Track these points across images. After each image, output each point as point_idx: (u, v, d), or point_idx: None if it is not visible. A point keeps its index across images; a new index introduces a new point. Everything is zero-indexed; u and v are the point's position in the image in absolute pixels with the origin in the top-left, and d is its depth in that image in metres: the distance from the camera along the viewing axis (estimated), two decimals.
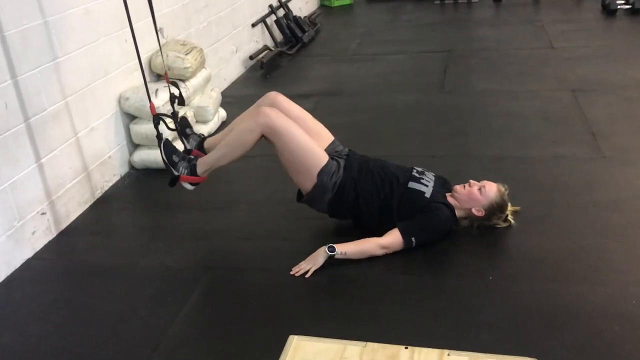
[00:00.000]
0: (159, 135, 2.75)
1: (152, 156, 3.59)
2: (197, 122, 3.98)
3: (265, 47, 5.71)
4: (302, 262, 2.56)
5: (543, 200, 2.92)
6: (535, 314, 2.18)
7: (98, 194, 3.37)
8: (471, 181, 2.71)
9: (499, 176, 2.99)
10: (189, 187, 2.81)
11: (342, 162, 2.73)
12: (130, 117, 3.64)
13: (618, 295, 2.25)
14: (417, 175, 2.70)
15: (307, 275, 2.52)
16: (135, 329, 2.31)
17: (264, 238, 2.85)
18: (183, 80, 3.85)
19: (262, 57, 5.48)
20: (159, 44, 3.00)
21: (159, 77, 3.92)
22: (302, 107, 2.92)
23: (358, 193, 2.65)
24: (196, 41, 4.45)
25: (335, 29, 6.78)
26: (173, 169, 2.72)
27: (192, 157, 2.78)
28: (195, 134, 3.05)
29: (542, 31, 5.82)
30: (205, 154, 2.91)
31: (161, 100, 3.50)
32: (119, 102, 3.56)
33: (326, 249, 2.53)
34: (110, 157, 3.48)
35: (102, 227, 3.11)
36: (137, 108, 3.53)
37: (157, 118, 2.76)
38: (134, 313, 2.41)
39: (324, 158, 2.65)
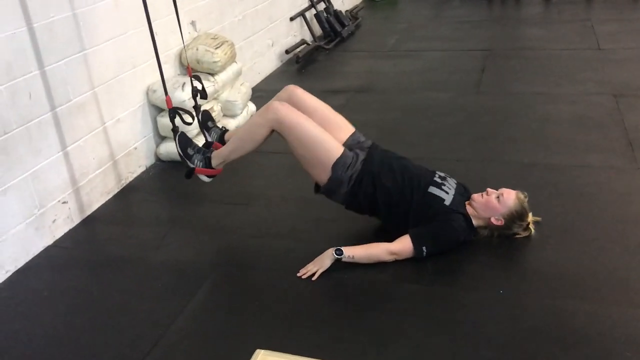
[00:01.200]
0: (175, 129, 2.78)
1: None
2: (224, 116, 4.00)
3: (303, 41, 5.68)
4: (309, 264, 2.54)
5: (568, 211, 2.80)
6: (543, 332, 2.10)
7: (122, 184, 3.43)
8: (489, 189, 2.62)
9: (525, 184, 2.90)
10: (205, 179, 2.82)
11: (361, 154, 2.65)
12: (158, 110, 3.68)
13: (632, 318, 2.13)
14: (439, 180, 2.63)
15: (313, 278, 2.49)
16: (138, 322, 2.34)
17: (276, 237, 2.84)
18: (212, 74, 3.87)
19: (299, 52, 5.46)
20: (182, 37, 3.00)
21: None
22: (331, 103, 2.89)
23: (376, 188, 2.58)
24: (230, 35, 4.47)
25: (377, 24, 6.69)
26: (188, 162, 2.74)
27: (208, 149, 2.79)
28: (217, 127, 3.06)
29: (590, 31, 5.58)
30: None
31: (188, 93, 3.52)
32: (147, 94, 3.60)
33: (333, 252, 2.49)
34: (136, 148, 3.53)
35: (123, 217, 3.16)
36: (164, 100, 3.52)
37: (173, 111, 2.78)
38: (139, 306, 2.44)
39: (338, 150, 2.59)
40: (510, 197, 2.56)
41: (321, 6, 6.15)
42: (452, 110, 4.14)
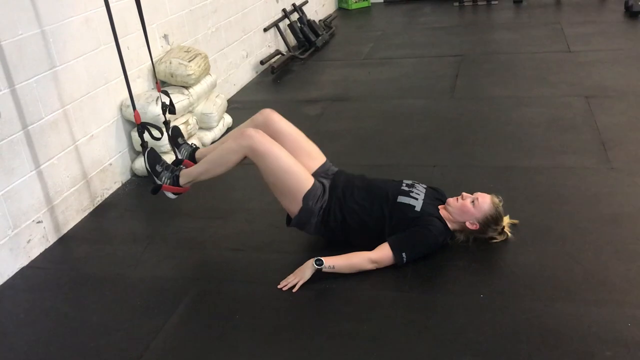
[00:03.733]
0: (144, 144, 2.75)
1: None
2: (200, 128, 3.98)
3: (277, 52, 5.68)
4: (290, 276, 2.52)
5: (545, 213, 2.83)
6: (524, 336, 2.10)
7: (98, 201, 3.38)
8: (464, 194, 2.64)
9: (501, 187, 2.93)
10: (171, 196, 2.81)
11: (327, 183, 2.68)
12: (132, 124, 3.64)
13: (613, 317, 2.15)
14: (406, 188, 2.64)
15: (294, 290, 2.47)
16: (118, 341, 2.30)
17: (255, 250, 2.82)
18: (186, 87, 3.85)
19: (274, 62, 5.46)
20: (150, 53, 2.98)
21: (163, 84, 3.92)
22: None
23: (344, 214, 2.60)
24: (204, 47, 4.46)
25: (350, 33, 6.72)
26: (156, 178, 2.72)
27: (176, 167, 2.78)
28: (187, 143, 3.04)
29: (560, 34, 5.67)
30: (195, 163, 2.90)
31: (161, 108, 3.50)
32: (121, 109, 3.57)
33: (313, 262, 2.48)
34: (111, 164, 3.49)
35: (99, 235, 3.12)
36: None
37: (142, 127, 2.76)
38: (119, 324, 2.39)
39: (309, 181, 2.60)
40: (485, 202, 2.58)
41: (294, 16, 6.16)
42: (427, 116, 4.16)
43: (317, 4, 7.04)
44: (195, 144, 3.06)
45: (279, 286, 2.50)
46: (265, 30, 5.62)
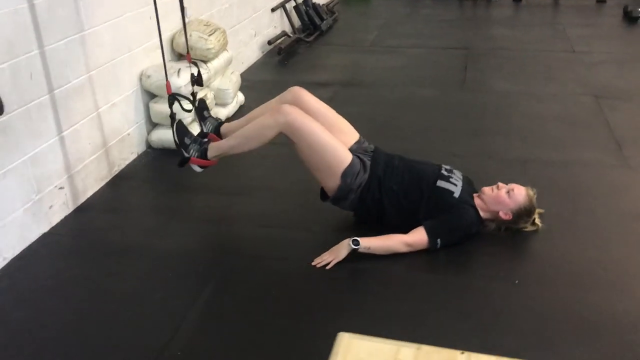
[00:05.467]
0: (173, 115, 2.72)
1: (170, 136, 3.51)
2: (216, 104, 3.93)
3: (284, 33, 5.65)
4: (325, 254, 2.53)
5: (568, 206, 2.89)
6: (562, 322, 2.16)
7: (115, 171, 3.32)
8: (499, 184, 2.68)
9: (522, 179, 2.94)
10: (197, 169, 2.78)
11: (367, 161, 2.67)
12: (150, 96, 3.58)
13: None
14: (446, 173, 2.66)
15: (327, 267, 2.48)
16: (153, 312, 2.28)
17: (283, 227, 2.81)
18: (205, 62, 3.80)
19: (280, 43, 5.43)
20: (184, 23, 2.93)
21: (180, 57, 3.86)
22: (320, 96, 2.88)
23: (382, 194, 2.61)
24: (218, 22, 4.39)
25: (353, 19, 6.71)
26: (184, 151, 2.70)
27: (205, 140, 2.74)
28: (213, 117, 3.01)
29: (563, 34, 5.77)
30: (221, 138, 2.87)
31: (183, 80, 3.45)
32: (140, 79, 3.50)
33: (350, 242, 2.49)
34: (129, 134, 3.43)
35: (119, 205, 3.07)
36: (158, 86, 3.47)
37: (172, 98, 2.73)
38: (151, 295, 2.37)
39: (348, 158, 2.60)
40: (520, 193, 2.62)
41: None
42: (441, 106, 4.20)
43: None
44: (220, 118, 3.03)
45: (312, 263, 2.50)
46: (272, 10, 5.58)
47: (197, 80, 2.90)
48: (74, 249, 2.71)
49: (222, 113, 3.94)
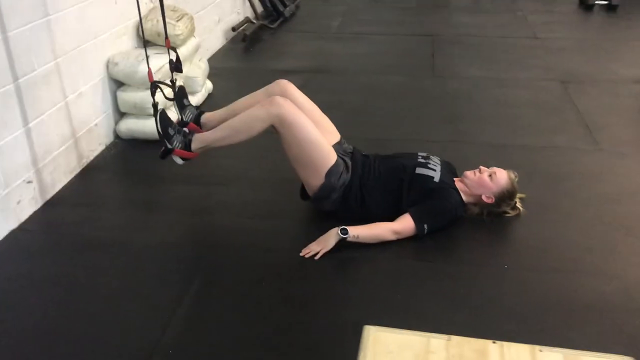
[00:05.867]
0: (155, 105, 2.60)
1: (140, 126, 3.42)
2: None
3: (247, 20, 5.53)
4: (312, 244, 2.48)
5: (547, 189, 2.92)
6: (554, 306, 2.17)
7: (84, 163, 3.18)
8: (481, 167, 2.69)
9: (500, 164, 2.96)
10: (179, 161, 2.66)
11: (348, 161, 2.65)
12: (118, 84, 3.44)
13: (634, 288, 2.26)
14: (422, 160, 2.67)
15: (316, 257, 2.44)
16: (140, 309, 2.18)
17: (267, 217, 2.75)
18: (173, 49, 3.66)
19: (245, 30, 5.31)
20: (162, 9, 2.80)
21: (147, 43, 3.71)
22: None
23: (364, 192, 2.59)
24: (183, 8, 4.25)
25: (316, 6, 6.63)
26: (167, 142, 2.56)
27: (188, 131, 2.64)
28: (192, 105, 2.91)
29: (524, 21, 5.85)
30: (201, 128, 2.78)
31: (153, 66, 3.31)
32: (107, 67, 3.35)
33: (338, 231, 2.45)
34: (96, 124, 3.29)
35: (91, 198, 2.94)
36: (126, 74, 3.33)
37: (154, 85, 2.60)
38: (137, 292, 2.27)
39: (333, 157, 2.56)
40: (503, 177, 2.63)
41: None
42: (412, 92, 4.19)
43: None
44: (199, 107, 2.92)
45: (301, 253, 2.45)
46: None
47: (176, 67, 2.78)
48: (47, 246, 2.58)
49: (191, 101, 3.82)
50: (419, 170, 2.62)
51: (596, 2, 6.22)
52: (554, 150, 3.33)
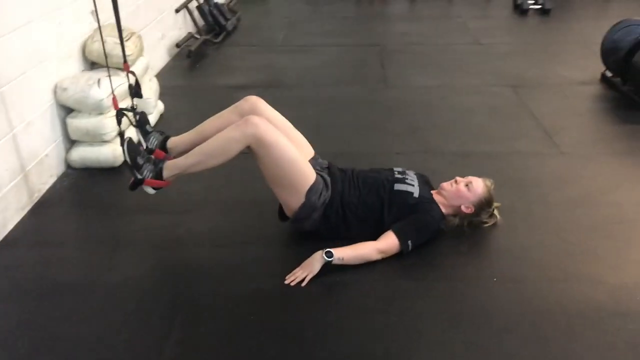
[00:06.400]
0: (122, 134, 2.43)
1: (94, 154, 3.22)
2: None
3: (190, 35, 5.36)
4: (297, 270, 2.38)
5: (518, 196, 2.94)
6: (551, 315, 2.17)
7: (36, 197, 2.95)
8: (457, 178, 2.67)
9: (469, 172, 2.95)
10: (151, 191, 2.51)
11: (327, 177, 2.58)
12: (67, 110, 3.22)
13: (618, 292, 2.28)
14: (400, 176, 2.63)
15: (303, 284, 2.34)
16: (122, 354, 2.02)
17: (243, 244, 2.63)
18: (132, 72, 3.47)
19: (188, 45, 5.15)
20: (120, 31, 2.64)
21: (94, 65, 3.52)
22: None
23: (345, 209, 2.52)
24: (126, 26, 4.06)
25: (257, 18, 6.52)
26: (137, 172, 2.40)
27: (157, 159, 2.49)
28: (157, 131, 2.75)
29: (465, 27, 5.96)
30: (167, 153, 2.63)
31: (104, 91, 3.14)
32: (55, 92, 3.14)
33: (323, 255, 2.36)
34: (47, 155, 3.07)
35: (49, 236, 2.72)
36: (76, 100, 3.13)
37: (120, 113, 2.44)
38: (114, 337, 2.10)
39: (312, 175, 2.48)
40: (479, 185, 2.63)
41: None
42: (370, 104, 4.16)
43: None
44: (164, 132, 2.76)
45: (286, 281, 2.35)
46: (177, 11, 5.28)
47: (136, 92, 2.62)
48: (6, 292, 2.35)
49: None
50: (398, 187, 2.57)
51: (530, 6, 6.41)
52: (518, 155, 3.36)
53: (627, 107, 3.96)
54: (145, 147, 2.63)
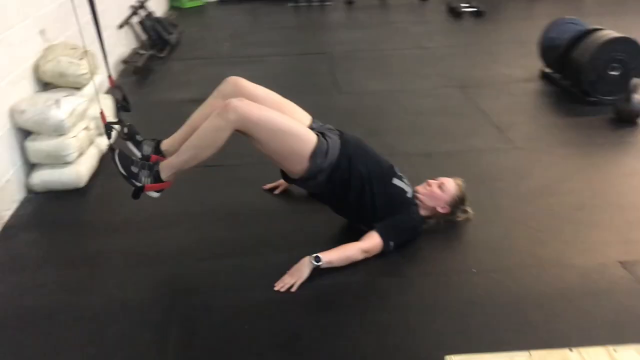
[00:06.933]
0: (112, 147, 2.41)
1: (56, 176, 3.13)
2: (99, 134, 3.55)
3: (135, 51, 5.28)
4: (286, 276, 2.41)
5: (483, 191, 3.07)
6: (536, 300, 2.28)
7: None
8: (429, 180, 2.76)
9: (432, 172, 3.08)
10: (154, 195, 2.52)
11: (336, 137, 2.58)
12: (26, 133, 3.13)
13: (591, 273, 2.43)
14: (399, 173, 2.69)
15: (292, 289, 2.37)
16: None
17: (222, 256, 2.62)
18: (79, 89, 3.41)
19: (134, 61, 5.07)
20: (103, 45, 2.60)
21: (47, 86, 3.42)
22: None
23: (351, 174, 2.53)
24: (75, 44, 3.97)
25: (198, 31, 6.48)
26: (134, 181, 2.41)
27: (151, 163, 2.48)
28: (147, 139, 2.71)
29: (406, 32, 6.13)
30: (164, 156, 2.61)
31: (64, 111, 3.07)
32: (12, 116, 3.04)
33: (312, 260, 2.40)
34: (8, 180, 2.96)
35: (22, 262, 2.62)
36: (36, 122, 3.04)
37: (108, 127, 2.42)
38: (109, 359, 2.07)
39: (313, 138, 2.48)
40: (451, 185, 2.73)
41: (143, 13, 5.77)
42: (327, 110, 4.17)
43: (153, 3, 6.65)
44: (156, 138, 2.72)
45: (275, 287, 2.37)
46: (120, 27, 5.19)
47: (123, 106, 2.59)
48: None
49: (103, 143, 3.57)
50: (396, 181, 2.64)
51: (464, 9, 6.67)
52: (476, 152, 3.51)
53: (568, 101, 4.20)
54: (140, 156, 2.61)
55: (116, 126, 2.49)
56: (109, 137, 2.44)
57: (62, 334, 2.19)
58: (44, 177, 3.13)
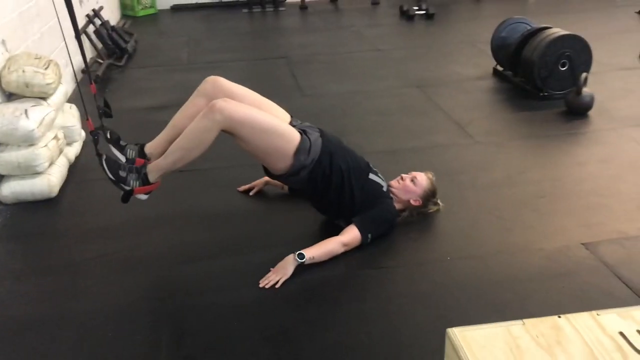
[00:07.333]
0: (99, 154, 2.44)
1: (27, 187, 3.11)
2: (68, 143, 3.53)
3: (93, 59, 5.24)
4: (270, 274, 2.48)
5: (449, 184, 3.20)
6: (506, 283, 2.42)
7: None
8: (402, 175, 2.88)
9: (400, 168, 3.21)
10: (143, 197, 2.57)
11: (317, 136, 2.67)
12: None
13: (557, 255, 2.59)
14: (373, 168, 2.80)
15: (277, 286, 2.44)
16: None
17: (204, 258, 2.67)
18: (44, 99, 3.39)
19: (95, 70, 5.03)
20: (86, 54, 2.61)
21: (11, 96, 3.39)
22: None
23: (332, 171, 2.62)
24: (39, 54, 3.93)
25: (155, 39, 6.48)
26: (123, 185, 2.46)
27: (139, 166, 2.52)
28: (130, 144, 2.73)
29: (360, 36, 6.28)
30: (149, 159, 2.64)
31: (34, 121, 3.05)
32: None
33: (295, 257, 2.48)
34: None
35: (0, 272, 2.61)
36: (4, 133, 3.02)
37: (95, 134, 2.45)
38: None
39: (296, 135, 2.57)
40: (423, 179, 2.85)
41: (98, 22, 5.72)
42: (293, 113, 4.19)
43: (106, 11, 6.60)
44: (138, 142, 2.74)
45: (260, 284, 2.44)
46: (76, 36, 5.13)
47: (105, 112, 2.62)
48: None
49: (71, 152, 3.55)
50: (372, 177, 2.76)
51: (416, 12, 6.87)
52: (440, 148, 3.66)
53: (521, 97, 4.41)
54: (125, 160, 2.64)
55: (102, 131, 2.52)
56: (95, 144, 2.46)
57: (49, 343, 2.19)
58: (13, 189, 3.10)
